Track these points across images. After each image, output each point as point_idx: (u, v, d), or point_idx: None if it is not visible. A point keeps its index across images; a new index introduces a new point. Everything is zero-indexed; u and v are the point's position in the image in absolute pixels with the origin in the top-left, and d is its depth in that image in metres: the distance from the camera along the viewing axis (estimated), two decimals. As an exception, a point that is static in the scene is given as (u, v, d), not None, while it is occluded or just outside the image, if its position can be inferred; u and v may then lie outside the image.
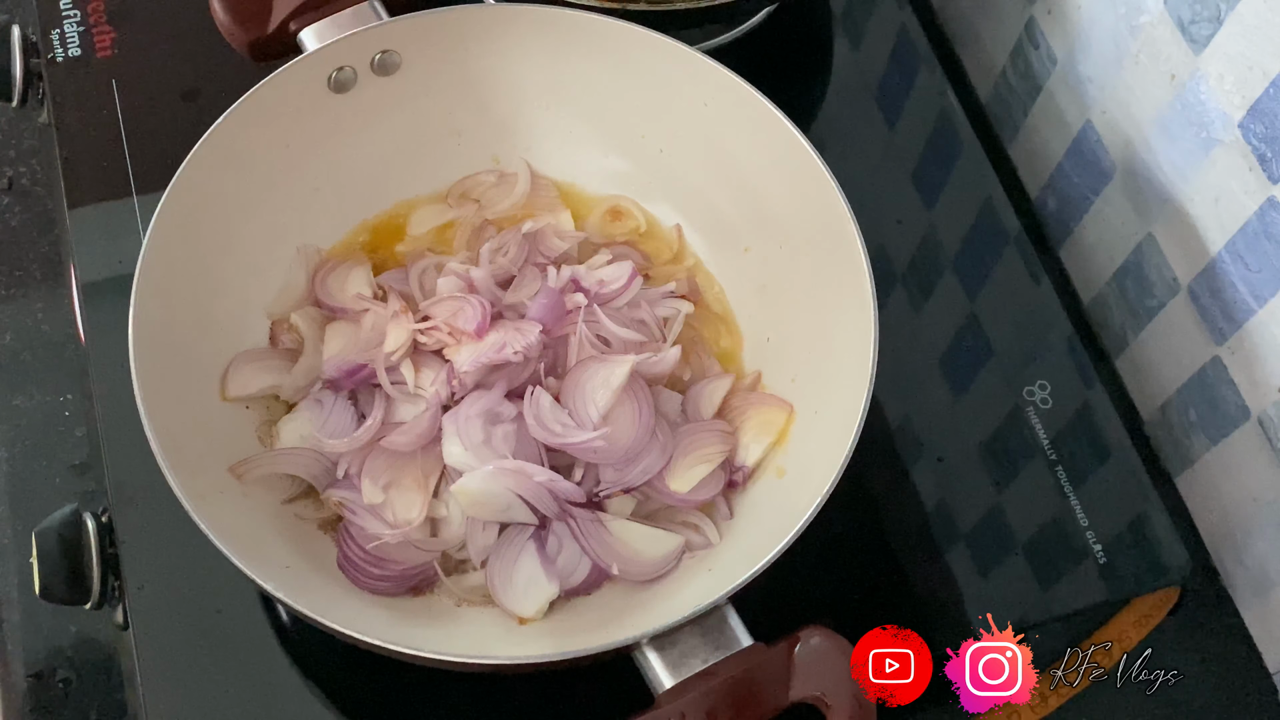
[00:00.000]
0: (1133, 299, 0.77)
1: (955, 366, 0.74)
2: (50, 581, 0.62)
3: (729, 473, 0.64)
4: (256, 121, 0.65)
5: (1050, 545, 0.68)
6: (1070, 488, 0.69)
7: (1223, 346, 0.70)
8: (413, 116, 0.70)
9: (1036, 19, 0.81)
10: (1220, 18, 0.63)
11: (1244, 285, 0.67)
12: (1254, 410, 0.69)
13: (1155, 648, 0.66)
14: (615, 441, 0.61)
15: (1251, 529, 0.71)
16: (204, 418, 0.61)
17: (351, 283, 0.67)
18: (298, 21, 0.68)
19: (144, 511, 0.64)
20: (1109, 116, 0.75)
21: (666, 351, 0.65)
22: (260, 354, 0.65)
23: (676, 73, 0.67)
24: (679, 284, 0.69)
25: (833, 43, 0.86)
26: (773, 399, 0.65)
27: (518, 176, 0.72)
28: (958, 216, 0.78)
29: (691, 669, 0.53)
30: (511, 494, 0.60)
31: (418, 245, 0.70)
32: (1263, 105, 0.62)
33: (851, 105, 0.83)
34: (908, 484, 0.70)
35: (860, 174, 0.68)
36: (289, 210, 0.67)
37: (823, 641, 0.53)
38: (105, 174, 0.74)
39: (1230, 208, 0.66)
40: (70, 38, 0.78)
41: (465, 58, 0.69)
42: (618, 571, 0.60)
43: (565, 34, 0.68)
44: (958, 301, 0.75)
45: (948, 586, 0.67)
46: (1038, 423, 0.71)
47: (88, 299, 0.70)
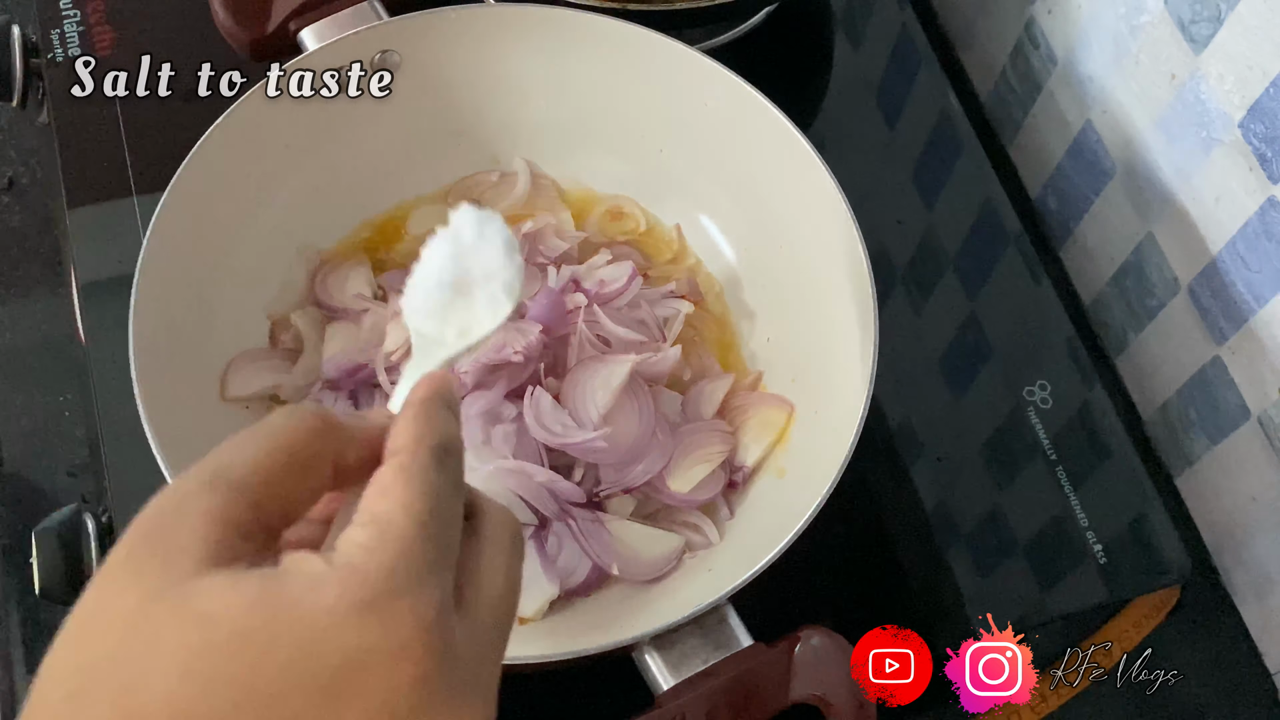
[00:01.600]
0: (1133, 299, 0.77)
1: (955, 366, 0.74)
2: (50, 581, 0.62)
3: (729, 473, 0.63)
4: (256, 122, 0.64)
5: (1050, 545, 0.68)
6: (1070, 488, 0.69)
7: (1223, 346, 0.70)
8: (413, 116, 0.70)
9: (1036, 19, 0.81)
10: (1220, 17, 0.63)
11: (1244, 285, 0.67)
12: (1254, 410, 0.69)
13: (1155, 648, 0.66)
14: (615, 441, 0.61)
15: (1251, 529, 0.71)
16: (204, 418, 0.61)
17: (351, 283, 0.67)
18: (298, 21, 0.68)
19: (144, 511, 0.64)
20: (1109, 116, 0.75)
21: (666, 351, 0.65)
22: (260, 354, 0.65)
23: (676, 73, 0.67)
24: (679, 284, 0.69)
25: (833, 43, 0.86)
26: (773, 399, 0.65)
27: (517, 176, 0.72)
28: (958, 216, 0.78)
29: (692, 669, 0.53)
30: (512, 494, 0.60)
31: (418, 245, 0.70)
32: (1263, 105, 0.62)
33: (851, 105, 0.83)
34: (908, 484, 0.70)
35: (860, 174, 0.68)
36: (289, 210, 0.67)
37: (823, 641, 0.53)
38: (105, 174, 0.74)
39: (1230, 208, 0.66)
40: (70, 38, 0.78)
41: (465, 58, 0.69)
42: (618, 571, 0.60)
43: (565, 34, 0.68)
44: (958, 301, 0.75)
45: (948, 586, 0.67)
46: (1038, 423, 0.71)
47: (88, 299, 0.70)
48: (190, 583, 0.31)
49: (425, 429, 0.36)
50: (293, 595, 0.31)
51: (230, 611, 0.31)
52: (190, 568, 0.32)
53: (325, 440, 0.36)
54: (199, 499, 0.33)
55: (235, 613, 0.31)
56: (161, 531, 0.33)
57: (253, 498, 0.33)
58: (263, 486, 0.34)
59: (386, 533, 0.33)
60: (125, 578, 0.32)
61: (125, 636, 0.31)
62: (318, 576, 0.32)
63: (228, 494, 0.33)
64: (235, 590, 0.31)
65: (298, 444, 0.35)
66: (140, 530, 0.33)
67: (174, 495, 0.33)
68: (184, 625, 0.31)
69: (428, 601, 0.32)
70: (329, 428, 0.36)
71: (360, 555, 0.32)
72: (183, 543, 0.32)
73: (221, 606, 0.31)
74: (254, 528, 0.33)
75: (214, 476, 0.33)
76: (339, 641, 0.31)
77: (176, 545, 0.32)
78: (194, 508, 0.33)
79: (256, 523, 0.33)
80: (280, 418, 0.35)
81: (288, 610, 0.31)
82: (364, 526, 0.33)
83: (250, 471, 0.34)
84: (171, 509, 0.33)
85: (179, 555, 0.32)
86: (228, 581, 0.31)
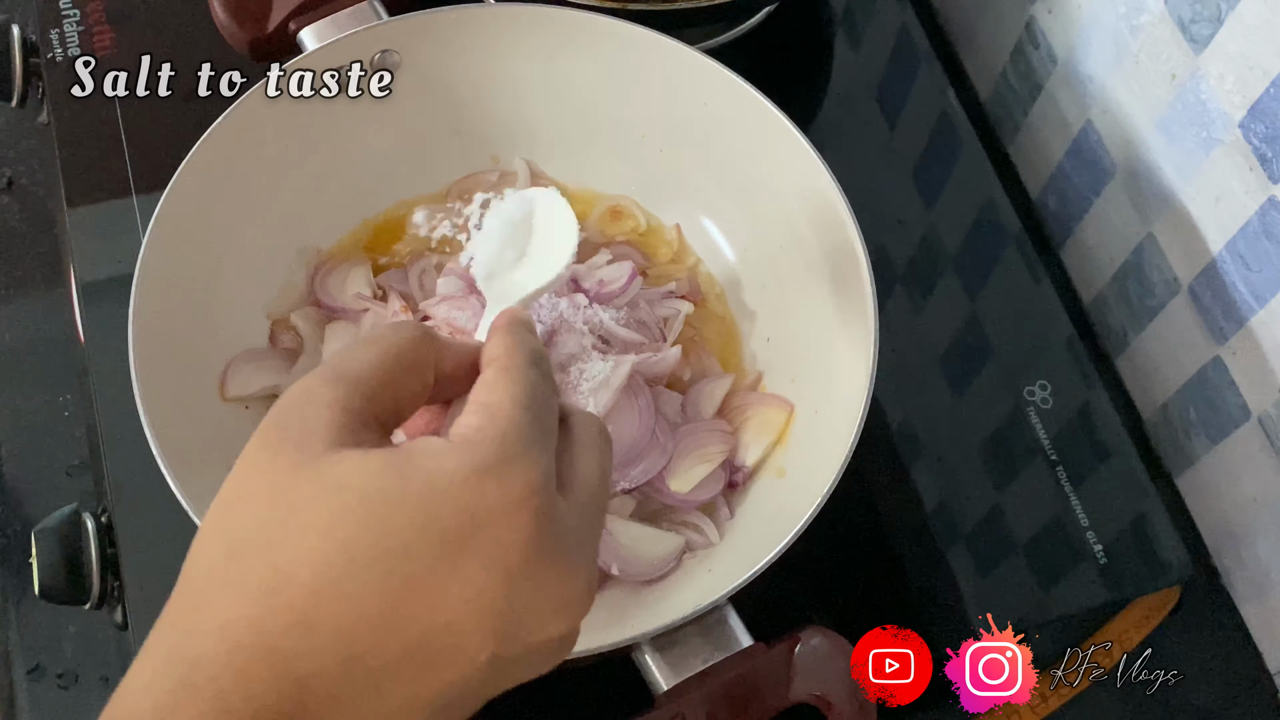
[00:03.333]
0: (1133, 299, 0.77)
1: (955, 366, 0.74)
2: (50, 581, 0.62)
3: (729, 473, 0.63)
4: (256, 122, 0.64)
5: (1050, 545, 0.68)
6: (1070, 488, 0.69)
7: (1223, 346, 0.70)
8: (413, 116, 0.70)
9: (1037, 18, 0.81)
10: (1221, 17, 0.63)
11: (1245, 285, 0.67)
12: (1254, 410, 0.69)
13: (1155, 648, 0.66)
14: (615, 441, 0.61)
15: (1251, 529, 0.71)
16: (204, 418, 0.61)
17: (351, 283, 0.67)
18: (297, 21, 0.68)
19: (144, 511, 0.64)
20: (1109, 116, 0.75)
21: (666, 351, 0.65)
22: (260, 354, 0.65)
23: (676, 73, 0.67)
24: (679, 284, 0.69)
25: (833, 43, 0.86)
26: (773, 399, 0.65)
27: (517, 176, 0.72)
28: (958, 216, 0.78)
29: (692, 669, 0.53)
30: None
31: (418, 245, 0.70)
32: (1263, 105, 0.62)
33: (851, 105, 0.83)
34: (908, 484, 0.70)
35: (860, 174, 0.68)
36: (289, 210, 0.67)
37: (823, 641, 0.53)
38: (105, 174, 0.74)
39: (1231, 207, 0.66)
40: (70, 38, 0.78)
41: (465, 58, 0.69)
42: (618, 572, 0.60)
43: (565, 34, 0.68)
44: (958, 301, 0.75)
45: (948, 586, 0.67)
46: (1038, 423, 0.71)
47: (87, 299, 0.70)
48: (325, 457, 0.36)
49: (517, 340, 0.41)
50: (416, 463, 0.35)
51: (361, 478, 0.35)
52: (322, 446, 0.36)
53: (427, 348, 0.40)
54: (324, 390, 0.37)
55: (365, 479, 0.35)
56: (294, 417, 0.37)
57: (369, 391, 0.38)
58: (377, 383, 0.38)
59: (496, 415, 0.37)
60: (265, 457, 0.36)
61: (271, 504, 0.35)
62: (437, 448, 0.36)
63: (349, 386, 0.38)
64: (364, 461, 0.35)
65: (404, 348, 0.39)
66: (274, 419, 0.37)
67: (301, 389, 0.38)
68: (321, 492, 0.35)
69: (534, 467, 0.36)
70: (430, 338, 0.41)
71: (473, 432, 0.37)
72: (313, 426, 0.36)
73: (353, 474, 0.35)
74: (370, 419, 0.38)
75: (335, 373, 0.38)
76: (458, 501, 0.35)
77: (308, 429, 0.36)
78: (321, 398, 0.37)
79: (372, 414, 0.38)
80: (389, 329, 0.40)
81: (413, 476, 0.35)
82: (475, 413, 0.38)
83: (366, 370, 0.38)
84: (300, 399, 0.37)
85: (310, 436, 0.36)
86: (359, 455, 0.36)
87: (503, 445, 0.36)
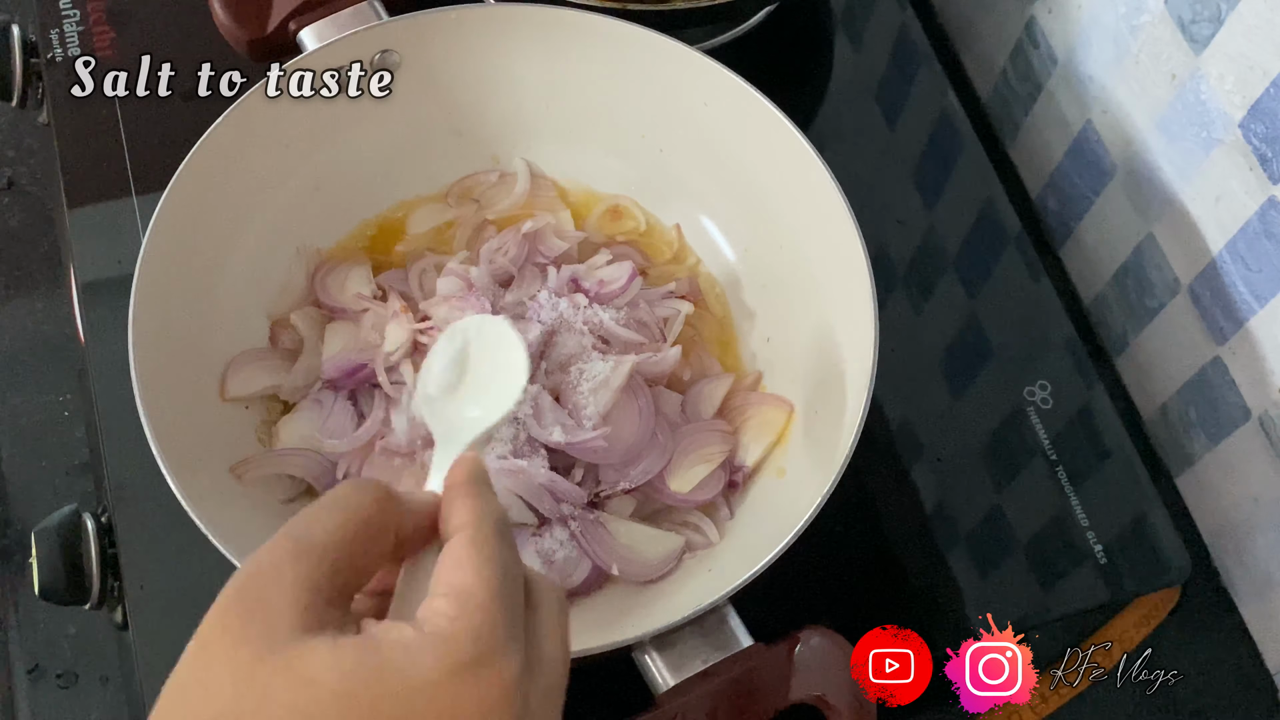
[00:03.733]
0: (1133, 299, 0.77)
1: (955, 366, 0.74)
2: (50, 581, 0.62)
3: (729, 473, 0.63)
4: (255, 121, 0.64)
5: (1050, 545, 0.68)
6: (1070, 488, 0.69)
7: (1223, 346, 0.70)
8: (413, 116, 0.70)
9: (1037, 18, 0.81)
10: (1221, 17, 0.63)
11: (1245, 285, 0.67)
12: (1254, 410, 0.69)
13: (1155, 648, 0.66)
14: (615, 441, 0.61)
15: (1251, 529, 0.71)
16: (204, 418, 0.61)
17: (351, 283, 0.67)
18: (297, 21, 0.68)
19: (144, 511, 0.64)
20: (1109, 116, 0.75)
21: (666, 351, 0.65)
22: (260, 354, 0.65)
23: (676, 73, 0.67)
24: (679, 284, 0.69)
25: (833, 43, 0.86)
26: (773, 399, 0.65)
27: (517, 176, 0.72)
28: (958, 216, 0.78)
29: (692, 669, 0.53)
30: (511, 494, 0.60)
31: (418, 245, 0.70)
32: (1263, 105, 0.62)
33: (851, 105, 0.83)
34: (908, 484, 0.70)
35: (860, 174, 0.68)
36: (289, 210, 0.67)
37: (823, 641, 0.53)
38: (105, 174, 0.74)
39: (1231, 207, 0.66)
40: (70, 38, 0.78)
41: (465, 58, 0.69)
42: (618, 572, 0.60)
43: (565, 34, 0.68)
44: (958, 301, 0.75)
45: (948, 586, 0.67)
46: (1038, 423, 0.71)
47: (87, 299, 0.70)
48: (292, 646, 0.34)
49: (483, 506, 0.40)
50: (390, 661, 0.34)
51: (333, 675, 0.34)
52: (287, 632, 0.34)
53: (390, 511, 0.39)
54: (290, 566, 0.36)
55: (337, 676, 0.34)
56: (258, 597, 0.35)
57: (334, 564, 0.36)
58: (342, 554, 0.37)
59: (467, 602, 0.36)
60: (226, 643, 0.35)
61: (236, 696, 0.34)
62: (412, 643, 0.35)
63: (313, 562, 0.36)
64: (335, 655, 0.34)
65: (369, 513, 0.38)
66: (235, 596, 0.35)
67: (264, 562, 0.36)
68: (291, 687, 0.33)
69: (511, 665, 0.36)
70: (391, 499, 0.39)
71: (446, 624, 0.35)
72: (278, 607, 0.35)
73: (324, 670, 0.34)
74: (335, 594, 0.36)
75: (299, 545, 0.36)
76: (435, 704, 0.34)
77: (274, 610, 0.35)
78: (286, 575, 0.35)
79: (335, 589, 0.36)
80: (349, 490, 0.39)
81: (387, 675, 0.34)
82: (445, 597, 0.36)
83: (331, 541, 0.37)
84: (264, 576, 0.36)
85: (276, 620, 0.34)
86: (327, 646, 0.34)
87: (477, 641, 0.35)
